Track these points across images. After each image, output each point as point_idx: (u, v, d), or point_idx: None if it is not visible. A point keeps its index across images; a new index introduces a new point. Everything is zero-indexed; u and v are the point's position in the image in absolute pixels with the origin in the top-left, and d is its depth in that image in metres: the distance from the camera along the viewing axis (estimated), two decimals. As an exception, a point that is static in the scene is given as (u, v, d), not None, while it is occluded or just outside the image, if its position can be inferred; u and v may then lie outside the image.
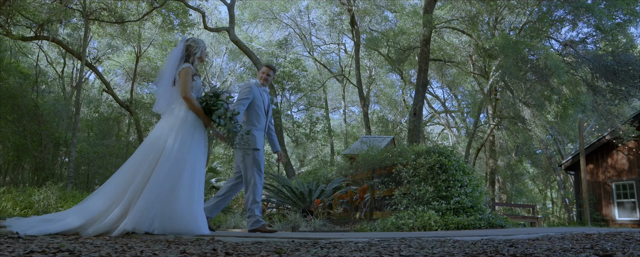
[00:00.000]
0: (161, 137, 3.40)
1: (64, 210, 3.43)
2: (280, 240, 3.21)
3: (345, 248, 2.90)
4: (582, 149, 13.21)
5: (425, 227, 5.52)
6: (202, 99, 3.68)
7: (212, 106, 3.63)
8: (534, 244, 3.41)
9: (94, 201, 3.22)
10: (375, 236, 4.11)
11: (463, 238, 3.88)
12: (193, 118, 3.54)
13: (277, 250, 2.62)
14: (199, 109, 3.58)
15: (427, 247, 3.04)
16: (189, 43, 3.74)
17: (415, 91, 15.09)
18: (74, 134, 14.21)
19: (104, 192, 3.26)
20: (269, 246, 2.80)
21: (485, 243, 3.53)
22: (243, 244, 2.93)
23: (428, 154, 6.65)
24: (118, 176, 3.32)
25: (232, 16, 15.62)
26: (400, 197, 6.68)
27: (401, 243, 3.32)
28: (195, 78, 3.68)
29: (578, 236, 4.37)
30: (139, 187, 3.18)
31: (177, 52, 3.68)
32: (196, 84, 3.66)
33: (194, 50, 3.72)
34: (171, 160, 3.28)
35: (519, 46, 11.58)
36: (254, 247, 2.70)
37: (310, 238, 3.42)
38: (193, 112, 3.55)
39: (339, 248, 2.92)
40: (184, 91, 3.52)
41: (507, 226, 6.28)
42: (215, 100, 3.65)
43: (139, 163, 3.30)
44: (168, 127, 3.46)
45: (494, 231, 5.01)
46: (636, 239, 3.71)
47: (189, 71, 3.58)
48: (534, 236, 4.39)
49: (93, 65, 16.40)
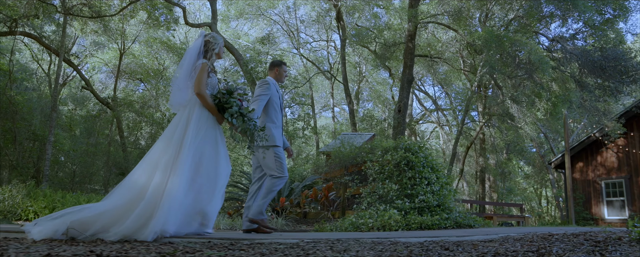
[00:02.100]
0: (176, 132, 3.34)
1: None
2: (195, 241, 2.91)
3: (259, 250, 2.61)
4: (567, 146, 12.93)
5: (385, 227, 5.22)
6: (215, 96, 3.59)
7: (225, 104, 3.54)
8: (478, 247, 3.12)
9: (111, 200, 3.11)
10: (318, 237, 3.82)
11: (409, 239, 3.59)
12: (207, 115, 3.49)
13: (170, 252, 2.36)
14: (212, 106, 3.50)
15: (353, 249, 2.74)
16: (208, 39, 3.68)
17: (400, 88, 14.79)
18: (50, 132, 13.89)
19: (121, 191, 3.16)
20: (170, 247, 2.51)
21: (425, 245, 3.24)
22: (145, 243, 2.64)
23: (395, 150, 6.34)
24: (135, 175, 3.24)
25: (214, 11, 15.32)
26: (366, 195, 6.38)
27: (331, 245, 3.02)
28: (211, 75, 3.61)
29: (538, 237, 4.07)
30: (159, 186, 3.10)
31: (195, 47, 3.63)
32: (212, 80, 3.60)
33: (212, 46, 3.67)
34: (189, 157, 3.23)
35: (503, 41, 11.26)
36: (144, 248, 2.41)
37: (231, 239, 3.13)
38: (206, 110, 3.49)
39: (254, 250, 2.64)
40: (197, 87, 3.44)
41: (477, 226, 5.99)
42: (228, 97, 3.56)
43: (157, 161, 3.24)
44: (184, 123, 3.38)
45: (454, 231, 4.71)
46: (592, 241, 3.41)
47: (206, 67, 3.51)
48: (491, 237, 4.10)
49: (71, 61, 16.04)
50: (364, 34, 16.68)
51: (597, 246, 3.09)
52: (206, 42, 3.67)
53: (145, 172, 3.23)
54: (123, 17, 17.92)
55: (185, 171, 3.19)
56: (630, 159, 14.66)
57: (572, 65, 14.55)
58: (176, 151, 3.24)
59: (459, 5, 13.64)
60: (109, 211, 3.01)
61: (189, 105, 3.48)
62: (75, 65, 16.09)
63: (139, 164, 3.32)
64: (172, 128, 3.41)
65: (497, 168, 20.06)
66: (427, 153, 6.37)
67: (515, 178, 25.38)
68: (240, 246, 2.81)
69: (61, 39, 14.65)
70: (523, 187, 31.86)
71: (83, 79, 16.61)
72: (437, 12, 14.76)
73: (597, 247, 3.03)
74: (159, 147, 3.34)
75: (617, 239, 3.53)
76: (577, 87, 14.28)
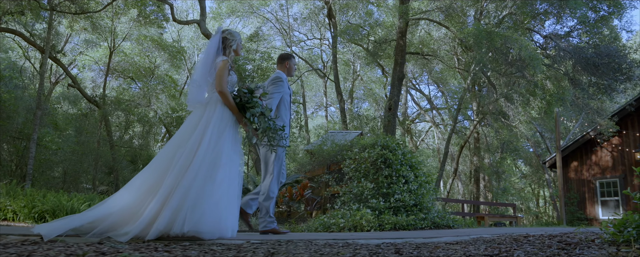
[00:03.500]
0: (195, 131, 3.23)
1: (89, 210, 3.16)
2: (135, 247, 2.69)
3: (193, 252, 2.38)
4: (558, 144, 12.69)
5: (357, 227, 4.98)
6: (236, 94, 3.49)
7: (246, 103, 3.43)
8: (438, 250, 2.89)
9: (121, 195, 3.04)
10: (278, 238, 3.59)
11: (369, 241, 3.35)
12: (229, 114, 3.40)
13: (80, 254, 2.17)
14: (233, 105, 3.40)
15: (292, 252, 2.51)
16: (225, 35, 3.58)
17: (391, 85, 14.56)
18: (34, 130, 13.67)
19: (132, 187, 3.09)
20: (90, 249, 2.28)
21: (379, 247, 3.01)
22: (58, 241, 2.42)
23: (372, 148, 6.10)
24: (148, 171, 3.15)
25: (203, 8, 15.08)
26: (343, 194, 6.14)
27: (273, 247, 2.78)
28: (231, 72, 3.53)
29: (511, 238, 3.84)
30: (173, 182, 3.00)
31: (213, 44, 3.52)
32: (232, 79, 3.51)
33: (230, 43, 3.57)
34: (207, 156, 3.13)
35: (493, 37, 11.01)
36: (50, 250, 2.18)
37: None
38: (227, 108, 3.39)
39: (186, 252, 2.40)
40: (219, 85, 3.34)
41: (456, 226, 5.75)
42: (250, 96, 3.45)
43: (172, 158, 3.13)
44: (204, 121, 3.27)
45: (425, 232, 4.48)
46: (564, 243, 3.18)
47: (226, 64, 3.41)
48: (461, 239, 3.87)
49: (57, 58, 15.82)
50: (356, 31, 16.44)
51: (565, 248, 2.86)
52: (224, 39, 3.56)
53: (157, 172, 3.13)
54: (113, 15, 17.69)
55: (204, 170, 3.09)
56: (624, 158, 14.41)
57: (567, 63, 14.31)
58: (194, 150, 3.13)
59: (449, 2, 13.40)
60: (116, 212, 2.93)
61: (210, 103, 3.38)
62: (61, 63, 15.87)
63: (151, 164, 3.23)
64: (190, 126, 3.30)
65: (490, 168, 19.82)
66: (405, 151, 6.13)
67: (510, 178, 25.11)
68: (175, 247, 2.58)
69: (47, 36, 14.44)
70: (521, 187, 31.62)
71: (69, 76, 16.39)
72: (428, 9, 14.52)
73: (564, 250, 2.81)
74: (174, 145, 3.24)
75: (591, 241, 3.31)
76: (571, 85, 14.04)
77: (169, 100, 21.09)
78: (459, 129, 23.02)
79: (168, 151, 3.23)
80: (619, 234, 3.03)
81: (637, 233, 2.92)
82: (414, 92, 26.48)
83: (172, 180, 3.00)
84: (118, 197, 3.08)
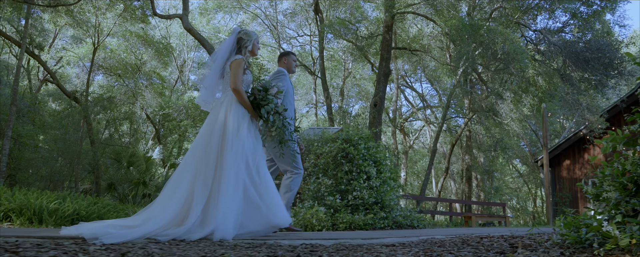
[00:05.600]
0: (216, 132, 3.27)
1: (135, 215, 3.15)
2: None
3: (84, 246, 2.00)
4: (546, 141, 12.30)
5: (307, 227, 4.59)
6: (250, 93, 3.52)
7: (261, 101, 3.45)
8: (370, 252, 2.51)
9: (162, 204, 3.07)
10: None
11: (293, 241, 2.97)
12: (245, 112, 3.42)
13: None
14: (247, 103, 3.42)
15: (186, 250, 2.13)
16: (241, 35, 3.59)
17: (376, 81, 14.16)
18: (8, 126, 13.30)
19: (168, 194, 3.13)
20: None
21: (302, 247, 2.65)
22: None
23: (333, 141, 5.70)
24: (180, 175, 3.18)
25: (185, 3, 14.69)
26: (301, 191, 5.74)
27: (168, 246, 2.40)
28: (247, 72, 3.54)
29: (459, 240, 3.44)
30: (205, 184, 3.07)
31: (228, 43, 3.57)
32: (247, 78, 3.51)
33: (245, 43, 3.57)
34: (237, 155, 3.18)
35: (476, 29, 10.59)
36: None
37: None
38: (242, 106, 3.41)
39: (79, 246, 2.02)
40: (234, 83, 3.35)
41: (420, 226, 5.35)
42: (265, 94, 3.48)
43: (199, 160, 3.19)
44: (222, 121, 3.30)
45: (374, 232, 4.08)
46: (510, 246, 2.79)
47: (242, 63, 3.43)
48: (408, 240, 3.48)
49: (35, 53, 15.45)
50: (342, 25, 16.03)
51: (503, 252, 2.47)
52: (239, 39, 3.58)
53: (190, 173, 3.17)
54: (95, 10, 17.31)
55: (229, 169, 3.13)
56: (617, 156, 13.98)
57: (558, 59, 13.89)
58: (218, 149, 3.18)
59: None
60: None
61: (225, 102, 3.40)
62: (38, 57, 15.48)
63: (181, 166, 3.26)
64: (209, 127, 3.34)
65: (482, 166, 19.40)
66: (369, 145, 5.72)
67: (502, 177, 24.68)
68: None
69: (24, 29, 14.05)
70: (518, 187, 31.18)
71: (48, 71, 16.02)
72: (416, 1, 14.10)
73: (502, 254, 2.42)
74: (199, 147, 3.28)
75: (545, 242, 2.93)
76: (562, 81, 13.62)
77: (157, 97, 20.70)
78: (451, 127, 22.60)
79: (196, 149, 3.29)
80: (570, 235, 2.64)
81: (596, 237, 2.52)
82: (409, 91, 26.08)
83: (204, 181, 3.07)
84: (156, 206, 3.11)
